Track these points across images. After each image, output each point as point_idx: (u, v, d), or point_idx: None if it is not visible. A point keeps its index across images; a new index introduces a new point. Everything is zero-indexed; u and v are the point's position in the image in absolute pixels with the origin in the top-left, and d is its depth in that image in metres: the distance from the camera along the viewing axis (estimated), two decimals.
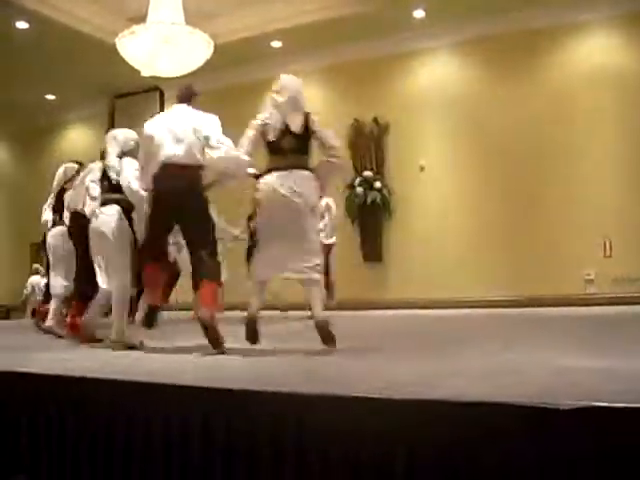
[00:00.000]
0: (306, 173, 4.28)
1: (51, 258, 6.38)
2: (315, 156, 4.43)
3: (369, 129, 10.40)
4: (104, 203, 5.03)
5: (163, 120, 4.89)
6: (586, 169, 9.00)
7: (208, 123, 4.96)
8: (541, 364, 3.06)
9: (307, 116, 4.35)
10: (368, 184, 10.10)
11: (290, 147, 4.33)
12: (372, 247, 10.09)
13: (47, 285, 6.74)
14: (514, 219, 9.24)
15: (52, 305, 6.16)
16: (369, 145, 10.36)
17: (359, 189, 10.07)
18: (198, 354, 4.12)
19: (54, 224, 6.37)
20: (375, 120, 10.35)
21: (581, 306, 8.07)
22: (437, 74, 10.20)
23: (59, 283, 6.16)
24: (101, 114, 12.97)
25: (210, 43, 7.77)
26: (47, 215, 6.58)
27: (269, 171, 4.24)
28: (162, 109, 12.37)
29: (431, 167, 10.06)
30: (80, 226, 5.40)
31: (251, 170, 4.56)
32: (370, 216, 10.04)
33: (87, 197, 5.36)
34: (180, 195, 4.40)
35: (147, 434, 2.72)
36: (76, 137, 13.50)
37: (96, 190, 5.24)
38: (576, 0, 9.10)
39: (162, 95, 12.36)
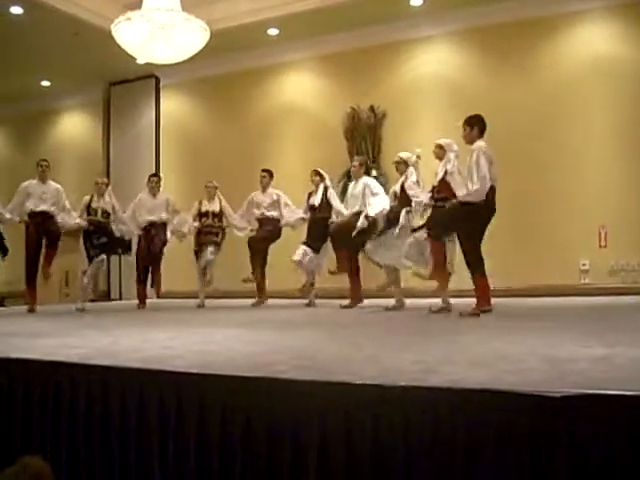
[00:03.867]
0: None
1: None
2: None
3: (366, 117, 10.36)
4: None
5: None
6: (581, 159, 8.99)
7: None
8: (536, 353, 3.06)
9: None
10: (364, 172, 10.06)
11: None
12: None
13: None
14: (509, 209, 9.19)
15: None
16: (365, 133, 10.33)
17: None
18: (195, 340, 4.12)
19: None
20: (371, 108, 10.32)
21: (576, 296, 8.09)
22: (434, 62, 10.16)
23: None
24: (96, 101, 12.90)
25: (206, 30, 7.72)
26: None
27: None
28: (157, 96, 12.34)
29: (428, 155, 10.00)
30: None
31: None
32: None
33: None
34: None
35: (142, 418, 2.72)
36: (71, 124, 13.42)
37: None
38: None
39: (158, 82, 12.31)
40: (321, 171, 8.30)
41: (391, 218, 6.78)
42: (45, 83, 12.63)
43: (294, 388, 2.41)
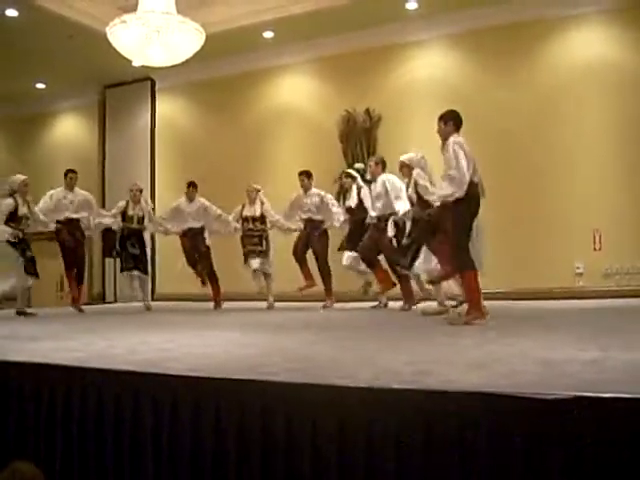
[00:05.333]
0: None
1: None
2: None
3: (361, 120, 10.38)
4: None
5: None
6: (576, 162, 9.01)
7: None
8: (530, 355, 3.07)
9: None
10: (360, 176, 10.07)
11: None
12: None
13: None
14: (504, 212, 9.24)
15: None
16: (361, 136, 10.34)
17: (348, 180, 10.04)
18: (190, 342, 4.12)
19: None
20: (367, 111, 10.33)
21: (571, 299, 8.10)
22: (429, 65, 10.18)
23: None
24: (92, 103, 12.90)
25: (202, 33, 7.73)
26: None
27: None
28: (153, 99, 12.35)
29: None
30: None
31: None
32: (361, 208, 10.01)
33: None
34: None
35: (136, 421, 2.72)
36: (67, 126, 13.41)
37: None
38: None
39: (153, 85, 12.31)
40: (352, 172, 8.36)
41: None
42: (40, 86, 12.62)
43: (287, 391, 2.41)
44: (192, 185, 8.77)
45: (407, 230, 6.81)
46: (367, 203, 7.95)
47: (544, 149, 9.17)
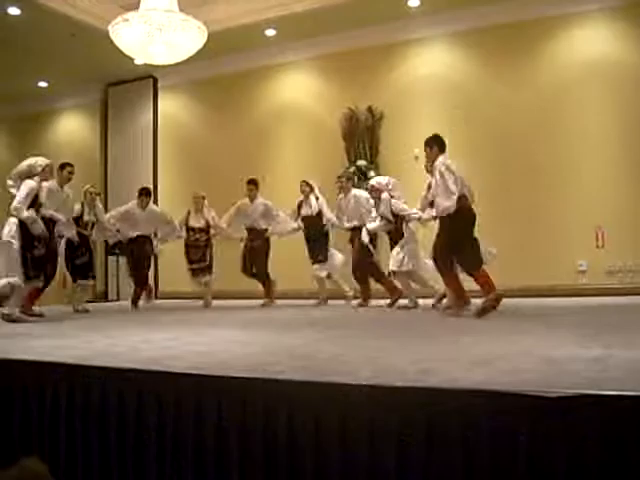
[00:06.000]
0: None
1: None
2: None
3: (363, 118, 10.37)
4: None
5: None
6: (579, 160, 9.00)
7: None
8: (534, 353, 3.07)
9: None
10: (362, 174, 10.08)
11: None
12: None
13: None
14: (507, 209, 9.25)
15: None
16: (363, 134, 10.33)
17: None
18: (193, 340, 4.13)
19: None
20: (369, 109, 10.33)
21: (574, 297, 8.11)
22: (432, 63, 10.17)
23: None
24: (94, 102, 12.91)
25: (204, 31, 7.72)
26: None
27: None
28: (155, 97, 12.35)
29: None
30: None
31: None
32: None
33: None
34: None
35: (140, 418, 2.73)
36: (69, 125, 13.43)
37: None
38: None
39: (155, 83, 12.32)
40: (311, 182, 8.54)
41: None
42: (42, 84, 12.63)
43: (290, 389, 2.41)
44: (145, 194, 8.75)
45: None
46: (328, 214, 8.36)
47: (547, 146, 9.16)
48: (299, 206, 8.61)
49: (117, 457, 2.78)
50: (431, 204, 6.86)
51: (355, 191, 8.34)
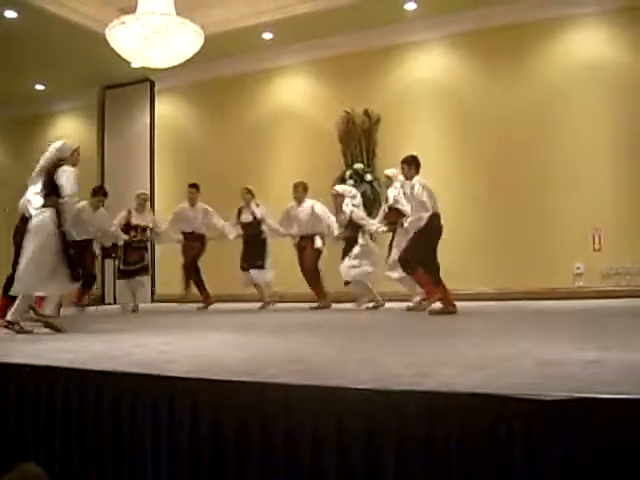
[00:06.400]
0: None
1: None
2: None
3: (360, 121, 10.38)
4: None
5: None
6: (575, 163, 9.01)
7: None
8: (530, 356, 3.07)
9: None
10: (359, 177, 10.09)
11: None
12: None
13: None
14: (504, 212, 9.26)
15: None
16: (360, 137, 10.34)
17: (350, 182, 10.05)
18: (189, 344, 4.12)
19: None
20: (366, 112, 10.33)
21: (570, 299, 8.11)
22: (428, 66, 10.18)
23: None
24: (91, 105, 12.90)
25: (201, 34, 7.73)
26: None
27: None
28: (152, 100, 12.35)
29: (422, 160, 10.01)
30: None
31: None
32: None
33: None
34: None
35: (135, 422, 2.72)
36: (66, 128, 13.39)
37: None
38: None
39: (152, 86, 12.31)
40: (250, 187, 8.85)
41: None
42: (39, 87, 12.63)
43: (287, 392, 2.41)
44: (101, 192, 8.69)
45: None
46: (270, 222, 8.72)
47: (543, 149, 9.18)
48: (239, 213, 8.83)
49: (113, 461, 2.77)
50: (386, 216, 7.81)
51: (311, 201, 8.53)
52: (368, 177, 10.07)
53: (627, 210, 8.69)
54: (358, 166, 10.17)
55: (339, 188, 8.38)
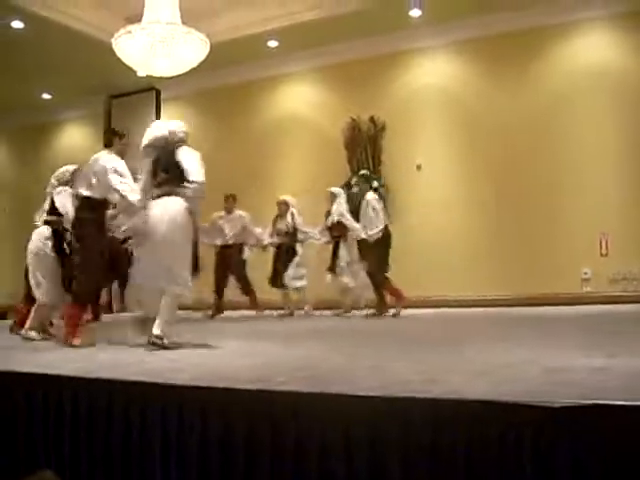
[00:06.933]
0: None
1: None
2: None
3: (366, 128, 10.40)
4: None
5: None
6: (582, 168, 9.00)
7: (102, 164, 5.46)
8: (537, 363, 3.07)
9: None
10: (366, 182, 10.09)
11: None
12: None
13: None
14: (510, 218, 9.26)
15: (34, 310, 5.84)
16: (365, 144, 10.35)
17: (355, 188, 10.05)
18: (196, 352, 4.13)
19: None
20: (372, 119, 10.35)
21: (578, 305, 8.09)
22: (434, 73, 10.20)
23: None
24: (97, 114, 12.93)
25: (206, 43, 7.76)
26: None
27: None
28: (158, 109, 12.37)
29: (428, 166, 10.07)
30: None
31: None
32: None
33: None
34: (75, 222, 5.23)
35: (144, 431, 2.73)
36: (72, 137, 13.47)
37: None
38: None
39: (158, 95, 12.34)
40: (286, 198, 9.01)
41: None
42: (46, 96, 12.70)
43: (295, 400, 2.41)
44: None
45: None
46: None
47: (549, 155, 9.17)
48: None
49: (121, 470, 2.78)
50: (329, 229, 8.43)
51: (240, 212, 8.85)
52: (375, 184, 10.06)
53: (634, 215, 8.68)
54: (364, 172, 10.16)
55: (286, 198, 8.88)
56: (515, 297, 8.72)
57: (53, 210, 5.90)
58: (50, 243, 5.76)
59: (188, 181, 4.66)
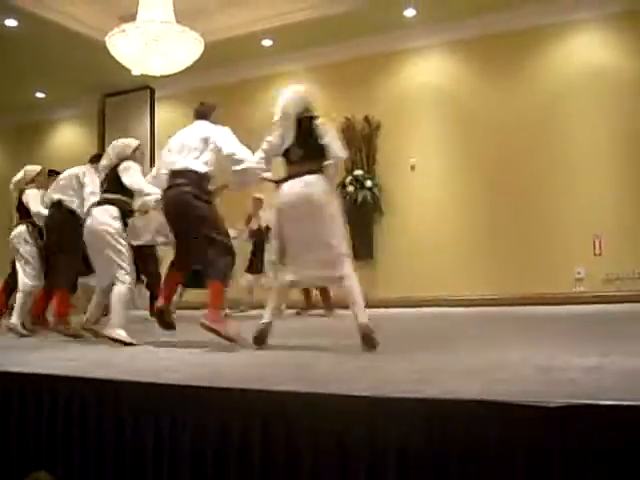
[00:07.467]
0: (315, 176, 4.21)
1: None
2: None
3: (360, 127, 10.40)
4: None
5: (181, 132, 5.18)
6: (576, 168, 9.03)
7: (219, 134, 5.23)
8: (531, 362, 3.07)
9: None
10: (359, 183, 10.10)
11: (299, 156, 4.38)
12: (363, 246, 10.06)
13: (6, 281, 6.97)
14: (504, 218, 9.28)
15: (17, 302, 6.30)
16: (360, 143, 10.35)
17: (350, 188, 10.07)
18: (194, 351, 4.12)
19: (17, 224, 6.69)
20: (366, 119, 10.35)
21: (571, 304, 8.11)
22: (428, 72, 10.21)
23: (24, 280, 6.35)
24: (91, 112, 12.92)
25: (200, 42, 7.76)
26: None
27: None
28: (152, 108, 12.36)
29: (422, 166, 10.07)
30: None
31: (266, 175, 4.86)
32: (361, 215, 10.02)
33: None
34: (180, 201, 4.62)
35: (137, 431, 2.72)
36: (66, 135, 13.44)
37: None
38: None
39: (152, 93, 12.33)
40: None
41: None
42: (40, 95, 12.65)
43: (288, 399, 2.41)
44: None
45: None
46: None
47: (544, 155, 9.19)
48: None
49: (114, 468, 2.77)
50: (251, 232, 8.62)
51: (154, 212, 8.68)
52: (368, 183, 10.08)
53: (628, 215, 8.70)
54: (358, 172, 10.18)
55: (260, 195, 8.90)
56: (508, 297, 8.73)
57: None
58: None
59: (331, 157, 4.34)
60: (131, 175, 5.31)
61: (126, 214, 5.23)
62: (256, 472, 2.40)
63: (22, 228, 6.57)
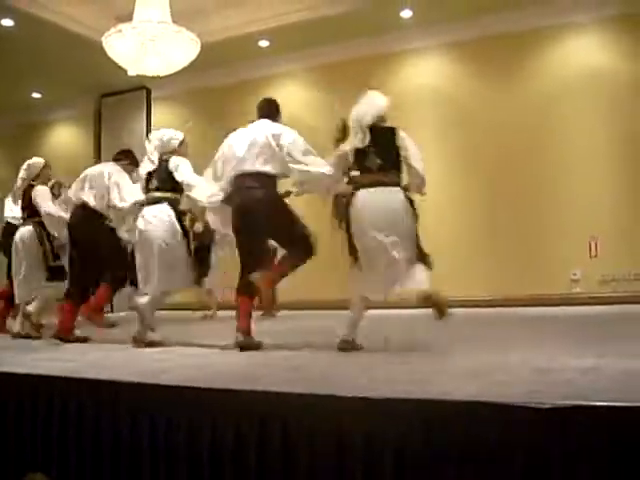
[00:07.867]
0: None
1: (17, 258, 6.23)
2: None
3: None
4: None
5: (243, 131, 5.17)
6: (572, 170, 9.02)
7: (289, 137, 5.12)
8: (528, 364, 3.07)
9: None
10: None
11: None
12: None
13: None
14: (501, 219, 9.27)
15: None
16: None
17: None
18: (187, 352, 4.11)
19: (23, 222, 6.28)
20: None
21: (567, 306, 8.11)
22: (424, 74, 10.20)
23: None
24: (88, 113, 12.89)
25: (197, 42, 7.74)
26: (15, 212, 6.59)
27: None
28: (149, 108, 12.33)
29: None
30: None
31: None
32: None
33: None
34: (251, 202, 4.60)
35: (133, 431, 2.71)
36: (63, 136, 13.41)
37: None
38: (564, 1, 9.16)
39: (149, 94, 12.30)
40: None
41: None
42: (36, 95, 12.62)
43: (285, 401, 2.41)
44: None
45: None
46: None
47: (541, 156, 9.18)
48: None
49: (110, 469, 2.76)
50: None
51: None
52: None
53: (624, 216, 8.70)
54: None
55: None
56: (505, 298, 8.73)
57: None
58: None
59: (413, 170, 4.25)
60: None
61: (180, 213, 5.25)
62: (252, 473, 2.40)
63: (29, 228, 6.22)
